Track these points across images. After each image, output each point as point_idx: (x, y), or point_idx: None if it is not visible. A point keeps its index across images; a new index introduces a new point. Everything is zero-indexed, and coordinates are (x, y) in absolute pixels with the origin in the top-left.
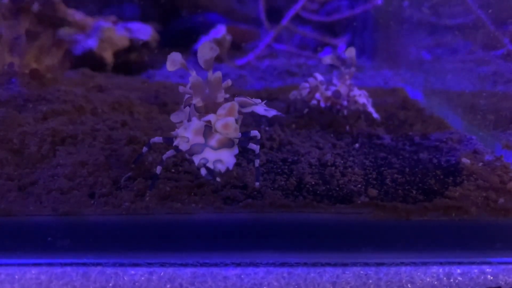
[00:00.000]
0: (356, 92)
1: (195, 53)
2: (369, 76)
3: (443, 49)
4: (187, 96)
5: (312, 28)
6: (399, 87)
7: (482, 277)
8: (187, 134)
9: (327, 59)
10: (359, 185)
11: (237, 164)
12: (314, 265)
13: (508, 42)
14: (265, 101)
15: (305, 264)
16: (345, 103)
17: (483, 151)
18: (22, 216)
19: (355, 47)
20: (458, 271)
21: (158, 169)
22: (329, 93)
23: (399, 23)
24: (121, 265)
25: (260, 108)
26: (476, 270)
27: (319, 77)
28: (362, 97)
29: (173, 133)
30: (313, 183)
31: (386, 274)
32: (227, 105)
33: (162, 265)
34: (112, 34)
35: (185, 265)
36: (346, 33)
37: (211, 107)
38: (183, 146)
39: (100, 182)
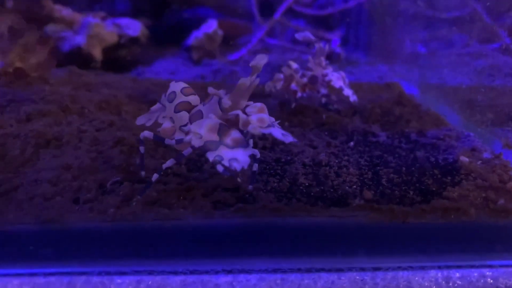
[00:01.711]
0: (331, 76)
1: (186, 49)
2: (364, 71)
3: (439, 43)
4: (180, 100)
5: (305, 22)
6: (394, 82)
7: (482, 281)
8: (201, 131)
9: (299, 36)
10: (354, 186)
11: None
12: (308, 271)
13: (505, 35)
14: (278, 121)
15: (299, 270)
16: (323, 91)
17: (481, 149)
18: (3, 224)
19: (349, 41)
20: (457, 274)
21: (154, 177)
22: (305, 80)
23: (394, 16)
24: (107, 273)
25: (278, 131)
26: (475, 274)
27: (294, 65)
28: (337, 81)
29: (184, 128)
30: (307, 184)
31: (383, 279)
32: (258, 104)
33: (150, 273)
34: (101, 30)
35: (174, 272)
36: (340, 27)
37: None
38: (196, 142)
39: (86, 186)
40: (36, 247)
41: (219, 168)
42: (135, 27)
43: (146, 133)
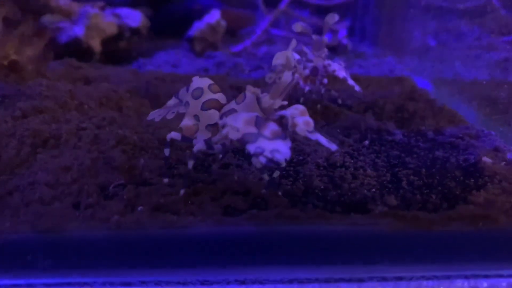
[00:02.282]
0: (334, 66)
1: (188, 40)
2: (372, 64)
3: (450, 35)
4: (208, 97)
5: (310, 13)
6: (406, 76)
7: None
8: (237, 124)
9: (297, 27)
10: (373, 189)
11: (237, 166)
12: (327, 281)
13: None
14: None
15: (317, 280)
16: (325, 81)
17: (504, 149)
18: None
19: (356, 32)
20: (485, 284)
21: (166, 152)
22: (307, 72)
23: (403, 6)
24: (111, 284)
25: (322, 137)
26: (504, 284)
27: (296, 56)
28: (340, 71)
29: (220, 122)
30: (322, 187)
31: None
32: (299, 106)
33: (157, 283)
34: (100, 20)
35: (184, 283)
36: (347, 17)
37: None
38: (234, 135)
39: (86, 190)
40: (34, 257)
41: (262, 159)
42: (135, 18)
43: (174, 134)
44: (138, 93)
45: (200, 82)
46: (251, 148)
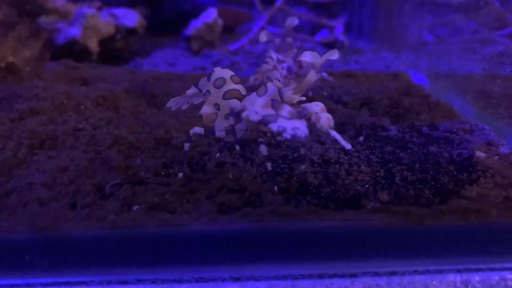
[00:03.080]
0: (304, 58)
1: (185, 39)
2: (369, 59)
3: (446, 29)
4: (230, 87)
5: (307, 9)
6: (402, 71)
7: (503, 284)
8: (255, 107)
9: (263, 35)
10: (367, 185)
11: (232, 164)
12: (321, 276)
13: None
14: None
15: (311, 276)
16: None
17: (497, 143)
18: None
19: (353, 28)
20: (477, 278)
21: (186, 146)
22: (285, 72)
23: (400, 2)
24: (108, 282)
25: (340, 137)
26: (496, 277)
27: (275, 55)
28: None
29: (237, 106)
30: (317, 184)
31: (399, 284)
32: (319, 103)
33: (153, 282)
34: (97, 21)
35: (179, 281)
36: (343, 13)
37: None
38: (254, 117)
39: (83, 190)
40: (32, 257)
41: (286, 135)
42: (132, 18)
43: (197, 129)
44: (135, 92)
45: (223, 72)
46: (274, 127)
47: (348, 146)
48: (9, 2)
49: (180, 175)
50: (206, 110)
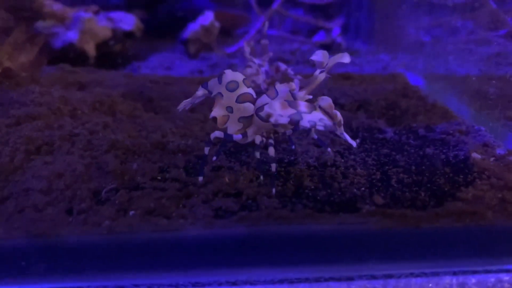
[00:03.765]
0: (282, 66)
1: (182, 42)
2: (366, 61)
3: (443, 30)
4: (243, 91)
5: (304, 11)
6: (399, 72)
7: (499, 286)
8: (277, 110)
9: (246, 48)
10: (363, 188)
11: (229, 168)
12: (317, 280)
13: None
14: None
15: (307, 279)
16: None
17: (493, 144)
18: None
19: (350, 30)
20: (473, 280)
21: (206, 150)
22: (264, 77)
23: (396, 3)
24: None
25: (347, 135)
26: (492, 279)
27: (257, 61)
28: (282, 65)
29: (262, 114)
30: (313, 187)
31: (395, 286)
32: (328, 99)
33: (150, 286)
34: (94, 25)
35: (176, 285)
36: (340, 15)
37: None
38: (282, 120)
39: (79, 195)
40: (28, 263)
41: (320, 128)
42: (129, 21)
43: (217, 133)
44: (131, 97)
45: (235, 75)
46: (306, 124)
47: (354, 143)
48: (6, 7)
49: (200, 179)
50: (218, 112)
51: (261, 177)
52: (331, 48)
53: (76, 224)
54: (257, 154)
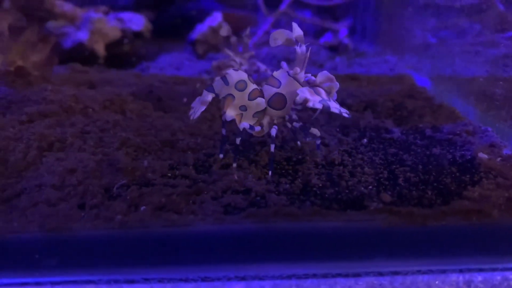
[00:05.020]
0: (262, 66)
1: (190, 43)
2: (373, 62)
3: (450, 32)
4: (252, 88)
5: (311, 13)
6: (405, 73)
7: (505, 284)
8: (309, 96)
9: (224, 29)
10: (370, 187)
11: (238, 166)
12: (325, 276)
13: None
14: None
15: (315, 275)
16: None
17: (500, 145)
18: (7, 232)
19: (357, 31)
20: (479, 278)
21: (238, 140)
22: None
23: (403, 4)
24: (116, 281)
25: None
26: (498, 277)
27: (237, 58)
28: (262, 66)
29: (298, 99)
30: (321, 185)
31: (401, 283)
32: (326, 72)
33: (160, 281)
34: (103, 25)
35: (185, 280)
36: (347, 17)
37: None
38: (318, 105)
39: (91, 191)
40: (41, 256)
41: (346, 115)
42: (138, 21)
43: (245, 124)
44: (141, 96)
45: (239, 74)
46: (335, 110)
47: (345, 112)
48: (18, 8)
49: (234, 165)
50: (231, 113)
51: (270, 173)
52: (338, 49)
53: (88, 218)
54: (272, 147)
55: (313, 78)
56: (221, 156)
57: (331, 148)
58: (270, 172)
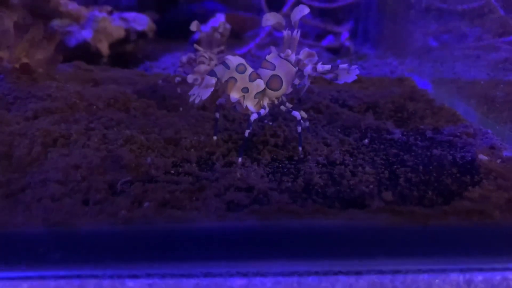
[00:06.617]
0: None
1: (192, 43)
2: (374, 65)
3: (451, 36)
4: (251, 70)
5: (313, 15)
6: (407, 76)
7: (505, 284)
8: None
9: (193, 25)
10: (371, 186)
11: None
12: (326, 273)
13: None
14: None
15: (316, 273)
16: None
17: (500, 147)
18: (11, 226)
19: (358, 34)
20: (480, 278)
21: (247, 133)
22: None
23: (405, 8)
24: (119, 276)
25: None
26: (498, 277)
27: (206, 54)
28: None
29: (307, 69)
30: (322, 184)
31: (402, 282)
32: (307, 49)
33: (163, 276)
34: (108, 24)
35: (188, 275)
36: (349, 20)
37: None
38: (327, 67)
39: (95, 187)
40: (45, 250)
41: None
42: (142, 21)
43: (256, 115)
44: (144, 94)
45: (237, 59)
46: (344, 66)
47: (356, 68)
48: (24, 6)
49: (240, 160)
50: (235, 95)
51: (239, 160)
52: (339, 52)
53: (92, 214)
54: (247, 133)
55: (299, 56)
56: (214, 138)
57: (332, 148)
58: (240, 159)
